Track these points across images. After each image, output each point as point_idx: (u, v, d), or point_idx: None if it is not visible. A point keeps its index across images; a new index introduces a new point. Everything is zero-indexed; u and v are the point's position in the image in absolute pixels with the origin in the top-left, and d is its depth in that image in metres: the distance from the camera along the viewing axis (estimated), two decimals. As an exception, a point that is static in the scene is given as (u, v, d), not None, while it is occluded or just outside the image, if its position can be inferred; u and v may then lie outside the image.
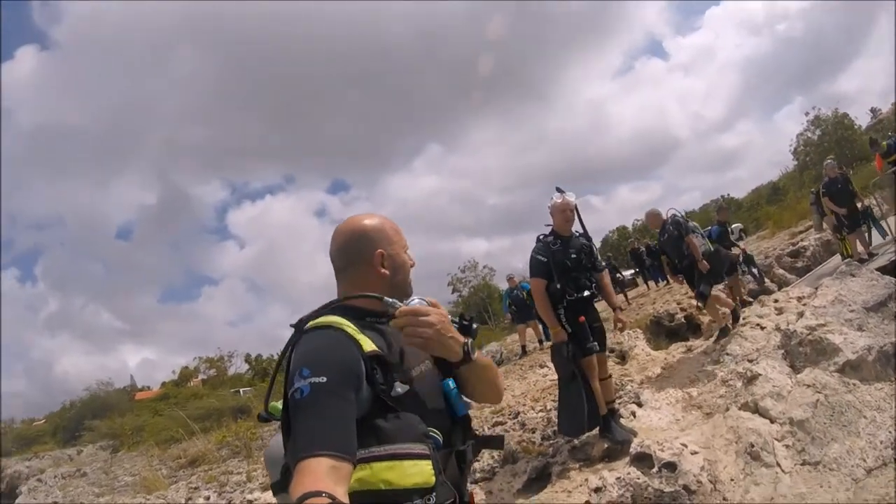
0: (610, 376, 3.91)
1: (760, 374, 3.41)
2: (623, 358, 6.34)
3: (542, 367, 7.03)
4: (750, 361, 3.86)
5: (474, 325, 1.52)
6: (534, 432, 4.31)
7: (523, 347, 9.43)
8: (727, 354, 4.45)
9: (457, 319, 1.55)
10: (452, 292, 32.99)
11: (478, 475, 3.80)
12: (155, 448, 10.62)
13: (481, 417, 5.44)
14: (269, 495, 5.20)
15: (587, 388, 3.47)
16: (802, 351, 3.61)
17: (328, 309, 1.33)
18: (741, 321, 5.32)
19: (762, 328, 4.70)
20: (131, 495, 6.51)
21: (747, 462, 2.81)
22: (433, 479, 1.12)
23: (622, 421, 3.71)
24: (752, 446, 2.87)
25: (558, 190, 3.97)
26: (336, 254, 1.38)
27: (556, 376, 3.94)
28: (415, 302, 1.28)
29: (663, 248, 6.28)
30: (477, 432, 1.47)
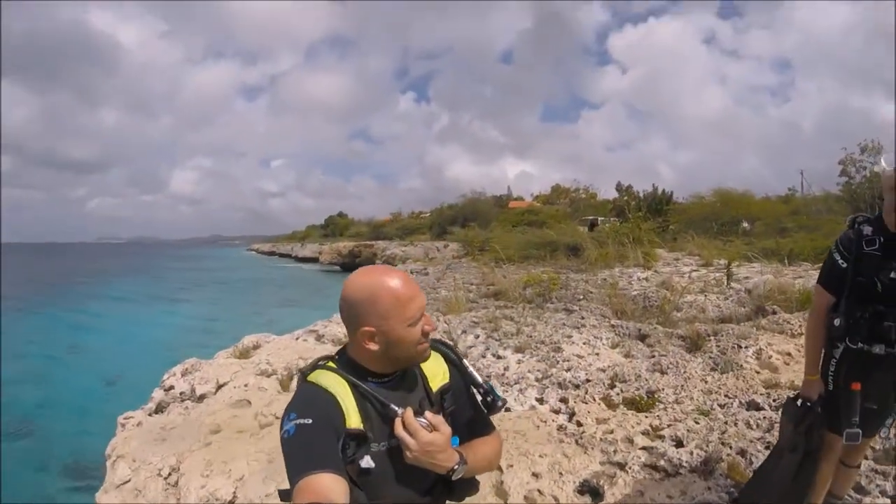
0: (858, 466, 2.85)
1: None
2: None
3: None
4: None
5: (500, 402, 1.50)
6: (767, 448, 3.61)
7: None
8: None
9: (481, 391, 1.51)
10: (840, 174, 24.07)
11: (661, 462, 3.49)
12: (485, 266, 12.33)
13: (747, 383, 4.74)
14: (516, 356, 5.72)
15: (810, 467, 2.52)
16: None
17: (336, 359, 1.46)
18: None
19: None
20: (431, 311, 7.97)
21: None
22: None
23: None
24: None
25: None
26: (340, 308, 1.43)
27: None
28: (422, 421, 1.32)
29: None
30: (456, 500, 1.53)
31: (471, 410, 1.53)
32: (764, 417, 4.01)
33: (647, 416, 4.16)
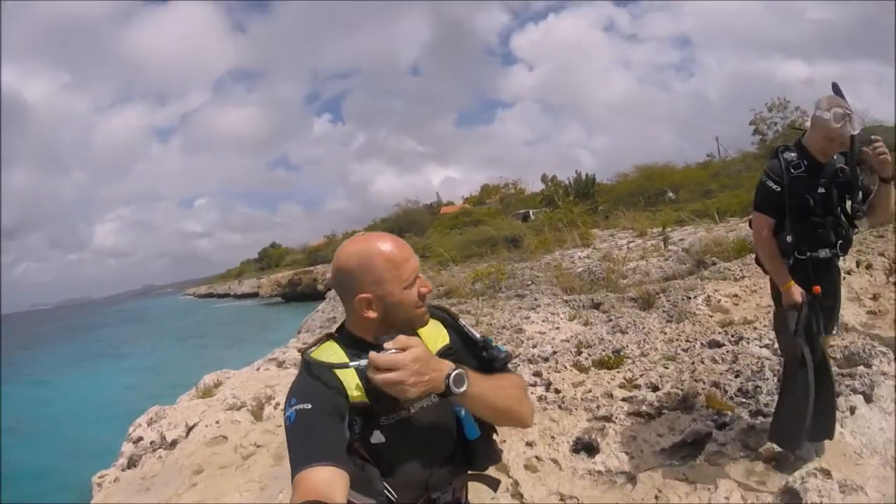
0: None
1: None
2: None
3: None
4: None
5: (503, 354, 1.41)
6: (737, 377, 3.77)
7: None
8: None
9: (480, 345, 1.43)
10: (754, 133, 26.29)
11: (643, 408, 3.57)
12: (430, 271, 12.31)
13: (704, 326, 4.93)
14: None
15: (820, 378, 2.60)
16: None
17: (334, 336, 1.39)
18: None
19: None
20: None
21: None
22: None
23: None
24: None
25: (836, 91, 2.66)
26: (331, 282, 1.35)
27: None
28: (390, 351, 1.14)
29: None
30: (477, 469, 1.44)
31: (475, 356, 1.42)
32: (727, 352, 4.18)
33: (618, 372, 4.25)
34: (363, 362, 1.16)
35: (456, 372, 1.18)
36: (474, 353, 1.42)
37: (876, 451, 2.73)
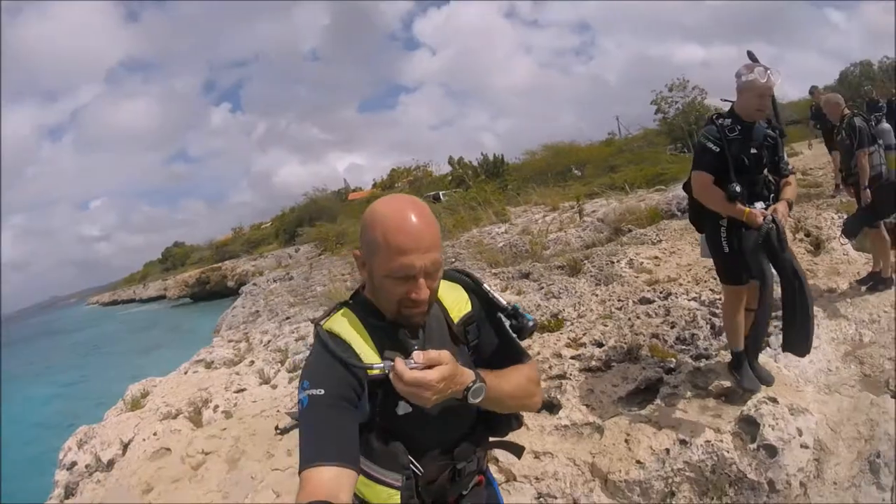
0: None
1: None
2: (817, 247, 5.43)
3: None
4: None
5: (531, 322, 1.37)
6: (672, 327, 4.02)
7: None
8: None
9: (507, 313, 1.38)
10: (656, 112, 28.04)
11: (593, 363, 3.72)
12: (350, 255, 12.12)
13: (632, 286, 5.20)
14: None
15: (793, 292, 2.76)
16: None
17: (348, 304, 1.31)
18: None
19: None
20: (315, 307, 7.70)
21: (862, 471, 2.33)
22: None
23: (767, 353, 3.25)
24: (878, 457, 2.34)
25: (751, 58, 3.00)
26: None
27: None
28: (411, 364, 1.10)
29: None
30: (499, 436, 1.43)
31: (497, 339, 1.37)
32: (659, 307, 4.44)
33: (562, 334, 4.40)
34: (388, 364, 1.12)
35: (476, 386, 1.15)
36: (495, 322, 1.37)
37: (809, 380, 3.05)
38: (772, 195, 3.01)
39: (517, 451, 1.50)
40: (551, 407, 3.41)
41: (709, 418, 2.81)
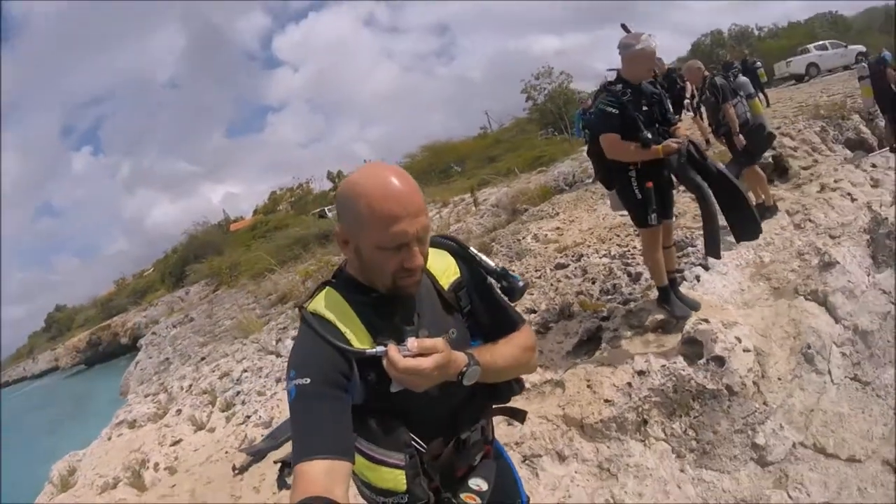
0: (673, 245, 3.67)
1: (838, 263, 3.10)
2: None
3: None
4: (832, 238, 3.49)
5: (521, 283, 1.35)
6: (594, 283, 4.26)
7: (597, 173, 9.12)
8: (810, 221, 4.02)
9: (496, 276, 1.36)
10: (527, 100, 30.32)
11: (534, 327, 3.86)
12: (249, 284, 11.59)
13: (545, 256, 5.44)
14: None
15: (728, 190, 3.14)
16: (889, 245, 3.19)
17: (331, 283, 1.25)
18: (832, 186, 4.73)
19: (853, 199, 4.16)
20: (230, 341, 7.31)
21: (799, 363, 2.67)
22: (404, 486, 1.14)
23: (685, 286, 3.57)
24: (809, 348, 2.70)
25: (625, 30, 3.35)
26: None
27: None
28: (405, 351, 1.08)
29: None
30: (501, 402, 1.41)
31: (488, 304, 1.34)
32: (576, 268, 4.70)
33: (491, 308, 4.50)
34: (380, 350, 1.09)
35: (470, 369, 1.14)
36: (485, 287, 1.34)
37: (727, 301, 3.40)
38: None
39: (520, 416, 1.48)
40: (506, 375, 3.49)
41: (654, 348, 3.03)
